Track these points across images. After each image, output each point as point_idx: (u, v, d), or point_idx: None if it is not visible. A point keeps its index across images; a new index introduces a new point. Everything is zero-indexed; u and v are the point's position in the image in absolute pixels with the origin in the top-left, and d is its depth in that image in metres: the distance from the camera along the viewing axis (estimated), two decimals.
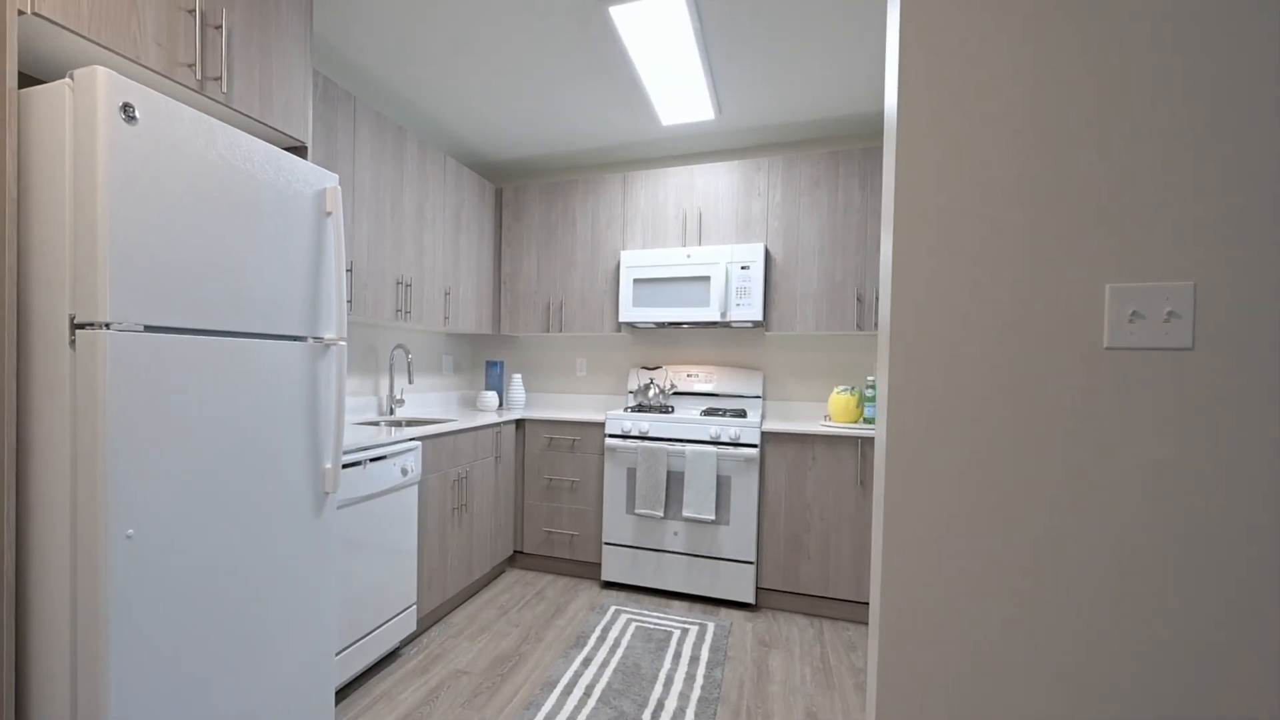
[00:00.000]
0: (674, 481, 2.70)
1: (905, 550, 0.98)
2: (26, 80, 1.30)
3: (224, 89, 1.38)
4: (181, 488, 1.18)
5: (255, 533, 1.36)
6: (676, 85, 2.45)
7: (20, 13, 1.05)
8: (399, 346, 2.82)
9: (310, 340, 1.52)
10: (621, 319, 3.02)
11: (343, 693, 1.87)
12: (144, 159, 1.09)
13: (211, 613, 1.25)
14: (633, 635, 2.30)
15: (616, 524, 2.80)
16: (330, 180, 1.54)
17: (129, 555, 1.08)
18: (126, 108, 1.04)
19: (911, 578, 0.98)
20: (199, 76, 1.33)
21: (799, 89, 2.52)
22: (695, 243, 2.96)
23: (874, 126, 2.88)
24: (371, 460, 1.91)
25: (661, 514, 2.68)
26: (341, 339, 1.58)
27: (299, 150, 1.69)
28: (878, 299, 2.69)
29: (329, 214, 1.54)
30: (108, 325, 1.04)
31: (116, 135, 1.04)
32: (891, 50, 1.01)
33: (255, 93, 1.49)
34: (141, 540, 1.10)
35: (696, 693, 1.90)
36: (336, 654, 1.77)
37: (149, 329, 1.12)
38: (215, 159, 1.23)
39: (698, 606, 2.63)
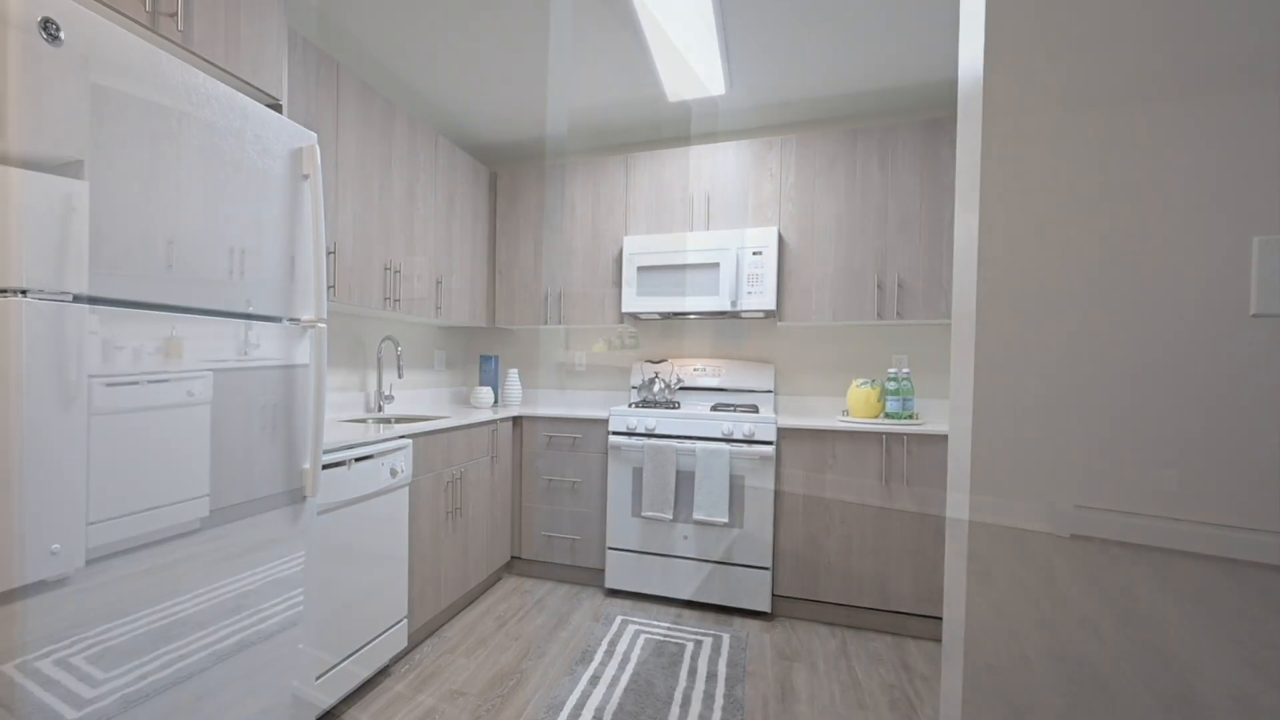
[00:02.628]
0: (683, 481, 2.52)
1: (996, 564, 0.82)
2: None
3: (180, 27, 1.18)
4: (123, 492, 0.98)
5: (218, 543, 1.16)
6: (687, 54, 2.27)
7: None
8: (388, 339, 2.62)
9: (285, 321, 1.32)
10: (624, 310, 2.84)
11: None
12: (71, 90, 0.89)
13: (165, 638, 1.06)
14: (642, 649, 2.12)
15: (621, 527, 2.62)
16: (308, 138, 1.35)
17: (53, 574, 0.88)
18: (47, 24, 0.85)
19: (1002, 592, 0.82)
20: (149, 9, 1.13)
21: (817, 61, 2.35)
22: (703, 227, 2.78)
23: (895, 102, 2.71)
24: (357, 460, 1.72)
25: (670, 516, 2.50)
26: (321, 321, 1.39)
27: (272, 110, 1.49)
28: (899, 286, 2.55)
29: (306, 177, 1.35)
30: (24, 292, 0.85)
31: (35, 57, 0.84)
32: (973, 6, 0.85)
33: (219, 37, 1.29)
34: (69, 556, 0.90)
35: (717, 715, 1.72)
36: (317, 677, 1.58)
37: (79, 300, 0.92)
38: (166, 100, 1.03)
39: (709, 616, 2.46)
